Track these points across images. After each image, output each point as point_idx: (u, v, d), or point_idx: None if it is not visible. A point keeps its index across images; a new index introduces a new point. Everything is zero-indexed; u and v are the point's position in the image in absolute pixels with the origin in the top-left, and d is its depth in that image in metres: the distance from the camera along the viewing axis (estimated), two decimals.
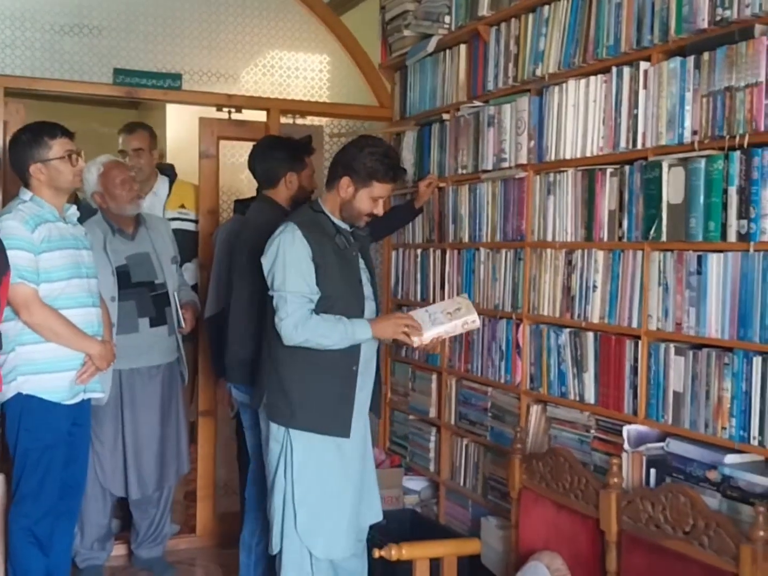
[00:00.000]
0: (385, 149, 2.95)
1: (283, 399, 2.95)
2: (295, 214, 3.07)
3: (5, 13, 3.99)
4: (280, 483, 2.96)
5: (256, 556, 3.50)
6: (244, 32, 4.44)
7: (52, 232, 3.15)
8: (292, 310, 2.84)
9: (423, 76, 4.18)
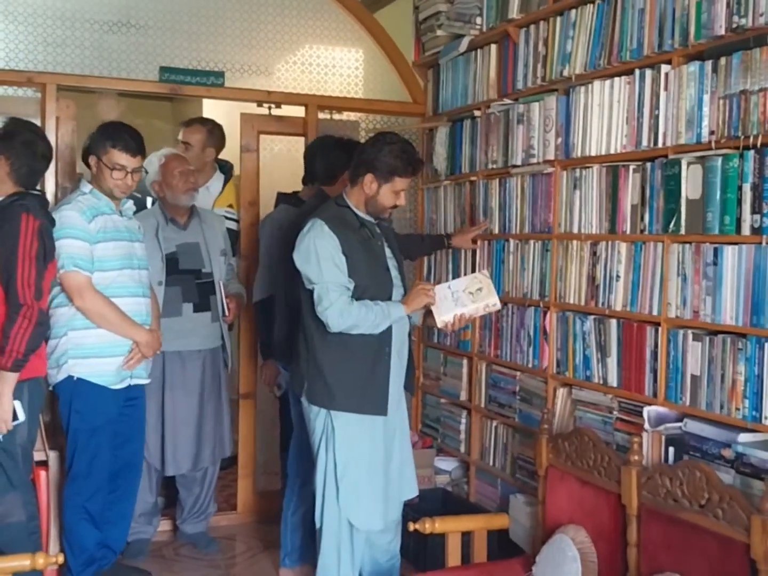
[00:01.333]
0: (402, 145, 3.14)
1: (321, 383, 3.16)
2: (320, 210, 3.26)
3: (56, 13, 4.20)
4: (322, 460, 3.18)
5: (292, 525, 3.72)
6: (282, 30, 4.61)
7: (108, 223, 3.35)
8: (334, 298, 3.05)
9: (455, 74, 4.34)
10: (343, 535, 3.20)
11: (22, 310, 2.98)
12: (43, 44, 4.18)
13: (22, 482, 3.21)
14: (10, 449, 3.13)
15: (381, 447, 3.19)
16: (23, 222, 3.02)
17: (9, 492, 3.15)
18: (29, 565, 2.74)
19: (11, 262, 2.99)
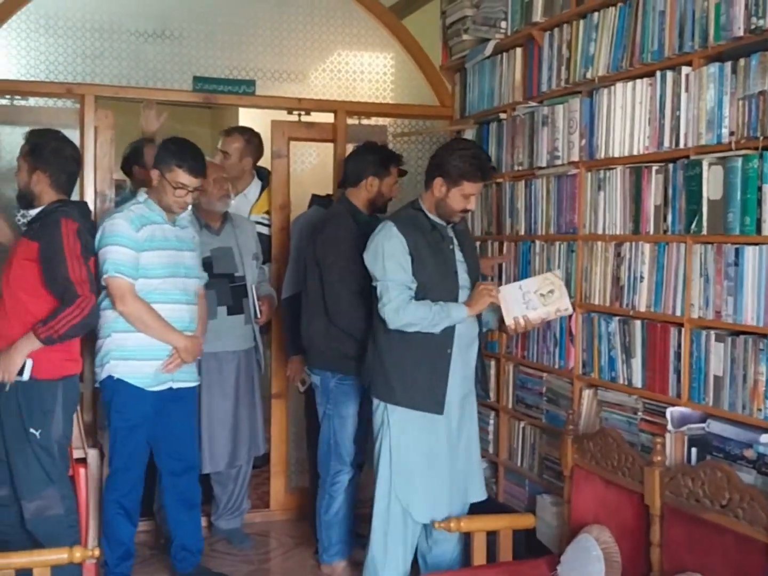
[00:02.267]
0: (474, 151, 3.24)
1: (382, 377, 3.30)
2: (395, 212, 3.43)
3: (95, 26, 4.33)
4: (377, 451, 3.32)
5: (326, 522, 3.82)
6: (313, 38, 4.70)
7: (156, 233, 3.47)
8: (394, 296, 3.17)
9: (481, 78, 4.38)
10: (392, 525, 3.30)
11: (78, 300, 3.16)
12: (82, 56, 4.32)
13: (60, 477, 3.34)
14: (47, 445, 3.26)
15: (442, 445, 3.28)
16: (63, 226, 3.22)
17: (48, 486, 3.28)
18: (67, 558, 2.84)
19: (60, 262, 3.16)
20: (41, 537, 3.28)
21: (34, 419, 3.24)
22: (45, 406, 3.26)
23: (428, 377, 3.25)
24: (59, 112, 4.34)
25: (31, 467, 3.26)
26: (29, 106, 4.28)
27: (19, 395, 3.23)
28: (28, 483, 3.27)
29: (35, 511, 3.28)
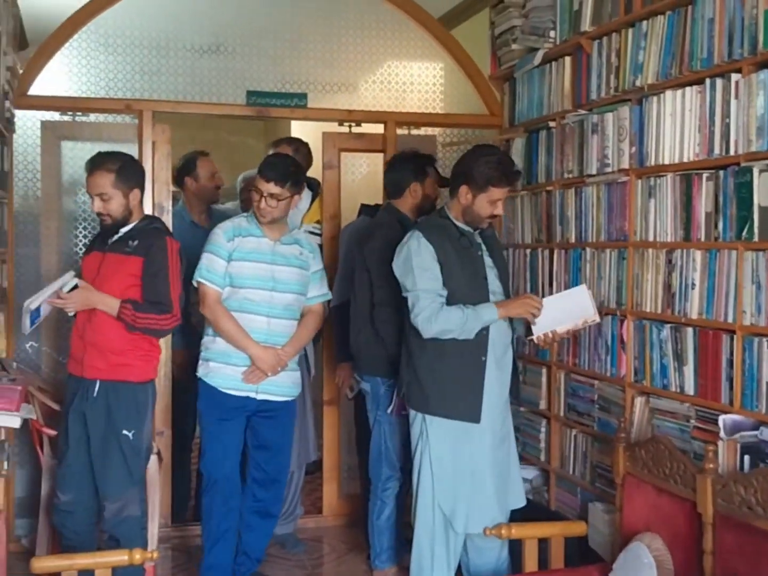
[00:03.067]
0: (499, 156, 3.26)
1: (418, 388, 3.32)
2: (422, 221, 3.46)
3: (152, 43, 4.47)
4: (417, 462, 3.34)
5: (378, 528, 3.86)
6: (363, 49, 4.77)
7: (249, 245, 3.56)
8: (425, 305, 3.20)
9: (530, 87, 4.41)
10: (437, 536, 3.32)
11: (167, 315, 3.35)
12: (140, 73, 4.46)
13: (140, 479, 3.47)
14: (138, 446, 3.39)
15: (482, 453, 3.29)
16: (168, 245, 3.41)
17: (130, 487, 3.41)
18: (127, 559, 2.93)
19: (163, 279, 3.35)
20: (120, 537, 3.39)
21: (129, 421, 3.37)
22: (140, 408, 3.40)
23: (464, 386, 3.26)
24: (118, 127, 4.49)
25: (118, 469, 3.37)
26: (90, 121, 4.43)
27: (110, 397, 3.35)
28: (114, 484, 3.37)
29: (116, 512, 3.39)
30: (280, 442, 3.75)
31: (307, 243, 3.73)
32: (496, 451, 3.34)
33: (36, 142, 4.37)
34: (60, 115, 4.36)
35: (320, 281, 3.76)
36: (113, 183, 3.35)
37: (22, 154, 4.36)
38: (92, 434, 3.37)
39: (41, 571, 2.87)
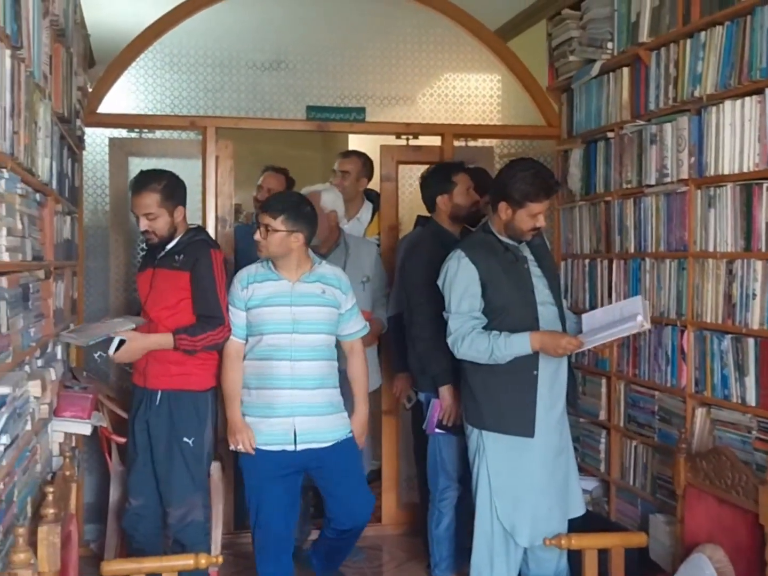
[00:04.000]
0: (535, 170, 3.24)
1: (472, 403, 3.36)
2: (466, 238, 3.50)
3: (216, 61, 4.60)
4: (475, 476, 3.35)
5: (437, 537, 3.89)
6: (420, 63, 4.85)
7: (265, 290, 3.37)
8: (454, 328, 3.26)
9: (588, 97, 4.42)
10: (497, 548, 3.34)
11: (221, 327, 3.39)
12: (204, 90, 4.60)
13: (203, 485, 3.55)
14: (199, 453, 3.47)
15: (540, 466, 3.30)
16: (212, 257, 3.45)
17: (193, 493, 3.49)
18: (192, 564, 3.00)
19: (212, 292, 3.41)
20: (186, 543, 3.49)
21: (189, 428, 3.45)
22: (200, 415, 3.48)
23: (516, 401, 3.26)
24: (183, 143, 4.62)
25: (181, 475, 3.46)
26: (156, 138, 4.57)
27: (171, 405, 3.45)
28: (177, 490, 3.47)
29: (180, 517, 3.48)
30: (341, 489, 3.49)
31: (335, 278, 3.44)
32: (554, 463, 3.34)
33: (104, 159, 4.52)
34: (127, 132, 4.51)
35: (354, 318, 3.51)
36: (159, 202, 3.43)
37: (92, 170, 4.53)
38: (155, 442, 3.48)
39: (110, 574, 2.94)
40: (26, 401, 2.49)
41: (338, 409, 3.47)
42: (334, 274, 3.47)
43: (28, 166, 2.43)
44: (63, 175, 3.51)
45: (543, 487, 3.30)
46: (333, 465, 3.44)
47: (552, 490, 3.32)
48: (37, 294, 2.75)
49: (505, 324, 3.26)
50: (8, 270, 2.23)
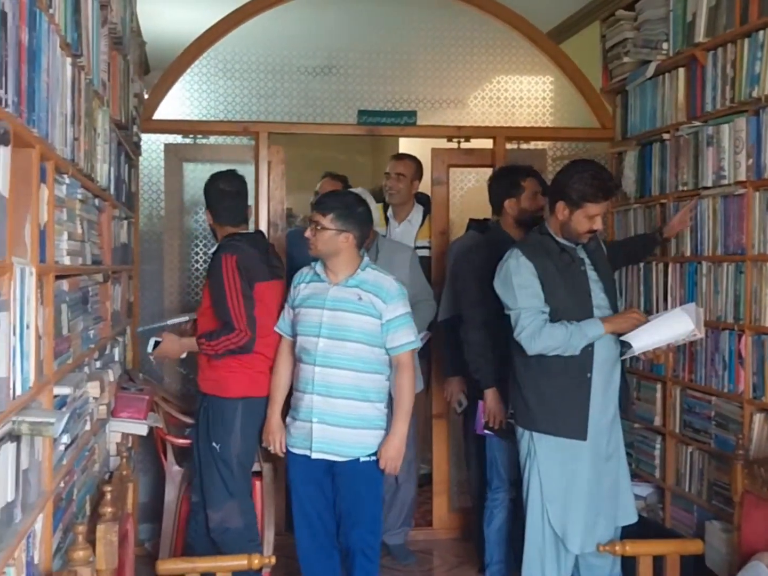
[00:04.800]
0: (594, 171, 3.20)
1: (523, 405, 3.32)
2: (523, 238, 3.46)
3: (268, 67, 4.65)
4: (526, 480, 3.32)
5: (489, 540, 3.88)
6: (472, 66, 4.83)
7: (307, 291, 3.33)
8: (527, 323, 3.20)
9: (643, 99, 4.36)
10: (548, 552, 3.30)
11: (234, 332, 3.37)
12: (257, 96, 4.64)
13: (239, 491, 3.55)
14: (227, 459, 3.49)
15: (590, 471, 3.26)
16: (222, 263, 3.42)
17: (227, 500, 3.51)
18: (246, 564, 3.03)
19: (222, 297, 3.40)
20: (224, 547, 3.51)
21: (216, 434, 3.48)
22: (226, 422, 3.48)
23: (569, 403, 3.23)
24: (236, 149, 4.68)
25: (214, 479, 3.51)
26: (209, 144, 4.63)
27: (208, 410, 3.51)
28: (212, 494, 3.52)
29: (218, 522, 3.52)
30: (351, 512, 3.30)
31: (375, 285, 3.23)
32: (603, 468, 3.30)
33: (160, 164, 4.60)
34: (182, 137, 4.58)
35: (400, 330, 3.24)
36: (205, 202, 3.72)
37: (147, 176, 4.61)
38: (198, 443, 3.56)
39: (165, 573, 2.98)
40: (86, 402, 2.55)
41: (368, 426, 3.25)
42: (377, 281, 3.25)
43: (87, 171, 2.48)
44: (120, 181, 3.59)
45: (594, 492, 3.26)
46: (345, 485, 3.28)
47: (600, 495, 3.28)
48: (96, 297, 2.82)
49: None
50: (69, 273, 2.29)
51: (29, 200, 1.77)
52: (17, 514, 1.68)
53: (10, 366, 1.57)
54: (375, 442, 3.25)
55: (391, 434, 3.24)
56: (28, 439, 1.76)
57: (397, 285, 3.27)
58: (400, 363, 3.27)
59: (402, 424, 3.25)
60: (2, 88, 1.47)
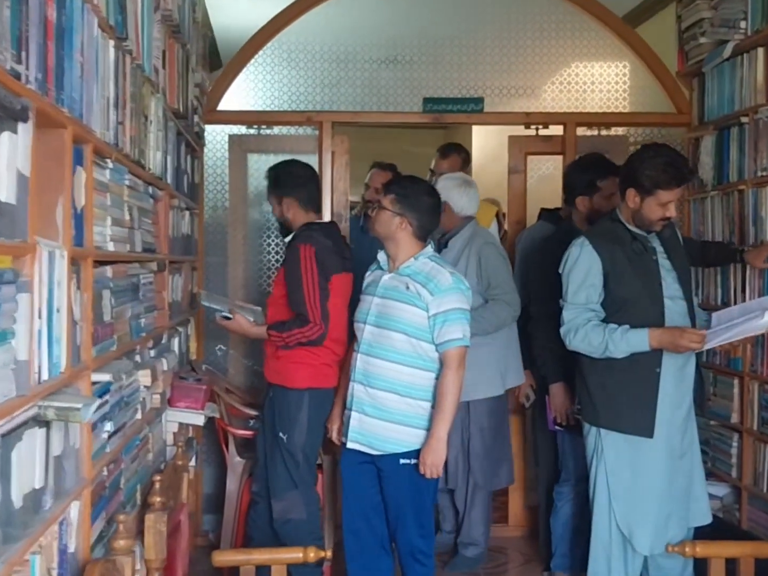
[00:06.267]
0: (668, 157, 3.04)
1: (588, 400, 3.21)
2: (593, 225, 3.33)
3: (332, 56, 4.61)
4: (593, 478, 3.20)
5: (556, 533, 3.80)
6: (542, 51, 4.70)
7: (370, 278, 3.26)
8: (568, 318, 3.10)
9: (720, 81, 4.16)
10: (615, 552, 3.18)
11: (308, 325, 3.34)
12: (321, 85, 4.61)
13: (303, 483, 3.51)
14: (292, 450, 3.46)
15: (661, 469, 3.12)
16: (301, 253, 3.39)
17: (291, 490, 3.48)
18: (301, 557, 2.98)
19: (298, 288, 3.36)
20: (284, 538, 3.49)
21: (283, 424, 3.46)
22: (291, 413, 3.46)
23: (635, 399, 3.08)
24: (300, 139, 4.65)
25: (279, 469, 3.48)
26: (273, 134, 4.62)
27: (275, 400, 3.49)
28: (276, 483, 3.49)
29: (281, 512, 3.49)
30: (398, 514, 3.15)
31: (425, 275, 3.07)
32: (676, 466, 3.15)
33: (225, 156, 4.60)
34: (246, 128, 4.57)
35: (446, 325, 3.03)
36: (269, 193, 3.66)
37: (212, 167, 4.62)
38: (266, 433, 3.55)
39: (220, 564, 2.95)
40: (136, 390, 2.54)
41: (406, 423, 3.07)
42: (429, 271, 3.07)
43: (135, 158, 2.47)
44: (180, 171, 3.59)
45: (665, 492, 3.12)
46: (389, 484, 3.14)
47: (672, 494, 3.13)
48: (150, 286, 2.81)
49: (628, 318, 3.08)
50: (115, 260, 2.27)
51: (62, 182, 1.75)
52: (46, 501, 1.66)
53: (35, 349, 1.55)
54: (414, 441, 3.07)
55: (429, 437, 3.03)
56: (61, 425, 1.75)
57: (452, 278, 3.06)
58: (445, 360, 3.05)
59: (440, 426, 3.01)
60: (23, 63, 1.44)
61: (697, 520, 3.22)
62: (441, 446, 3.02)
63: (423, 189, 3.20)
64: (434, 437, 3.01)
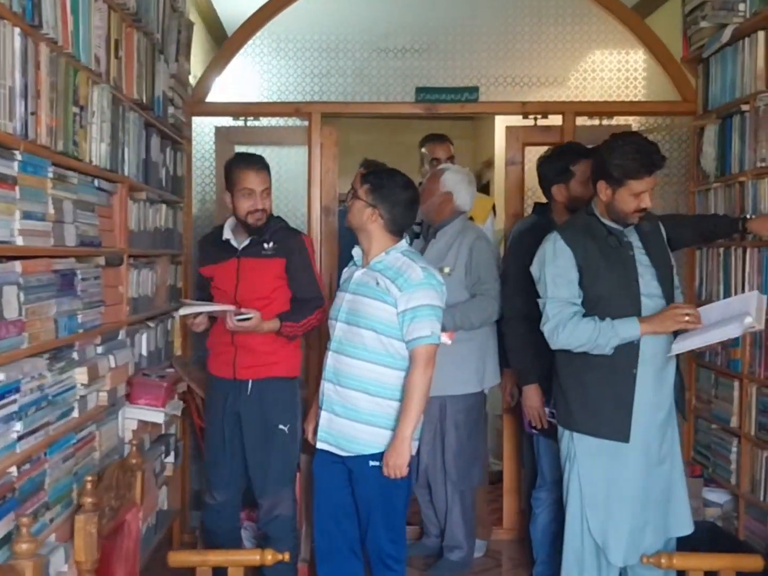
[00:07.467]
0: (637, 145, 2.87)
1: (563, 402, 3.06)
2: (567, 219, 3.17)
3: (322, 45, 4.50)
4: (566, 482, 3.06)
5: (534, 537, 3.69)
6: (539, 39, 4.54)
7: (345, 275, 3.17)
8: (552, 314, 2.94)
9: (723, 67, 3.96)
10: (587, 565, 3.04)
11: (320, 309, 3.38)
12: (310, 75, 4.51)
13: (292, 478, 3.50)
14: (294, 439, 3.40)
15: (637, 476, 2.97)
16: (306, 242, 3.46)
17: (285, 485, 3.43)
18: (259, 560, 2.89)
19: (311, 274, 3.43)
20: (271, 535, 3.41)
21: (283, 416, 3.38)
22: (293, 402, 3.43)
23: (611, 401, 2.93)
24: (288, 131, 4.57)
25: (277, 464, 3.39)
26: (261, 126, 4.52)
27: (262, 394, 3.37)
28: (272, 479, 3.40)
29: (268, 510, 3.41)
30: (368, 517, 3.03)
31: (394, 270, 2.95)
32: (654, 473, 2.98)
33: (212, 148, 4.52)
34: (233, 120, 4.48)
35: (415, 321, 2.90)
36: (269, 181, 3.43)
37: (200, 160, 4.54)
38: (248, 433, 3.39)
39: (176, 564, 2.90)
40: (69, 388, 2.47)
41: (375, 423, 2.96)
42: (400, 266, 2.95)
43: (61, 149, 2.39)
44: (151, 163, 3.52)
45: (638, 499, 2.96)
46: (358, 486, 3.03)
47: (648, 503, 2.96)
48: (95, 281, 2.74)
49: (602, 317, 2.93)
50: (29, 255, 2.20)
51: None
52: None
53: None
54: (383, 442, 2.94)
55: (393, 437, 2.91)
56: None
57: (423, 273, 2.92)
58: (412, 358, 2.93)
59: (405, 426, 2.88)
60: None
61: (677, 530, 3.05)
62: (405, 446, 2.89)
63: (399, 182, 3.05)
64: (398, 437, 2.89)
